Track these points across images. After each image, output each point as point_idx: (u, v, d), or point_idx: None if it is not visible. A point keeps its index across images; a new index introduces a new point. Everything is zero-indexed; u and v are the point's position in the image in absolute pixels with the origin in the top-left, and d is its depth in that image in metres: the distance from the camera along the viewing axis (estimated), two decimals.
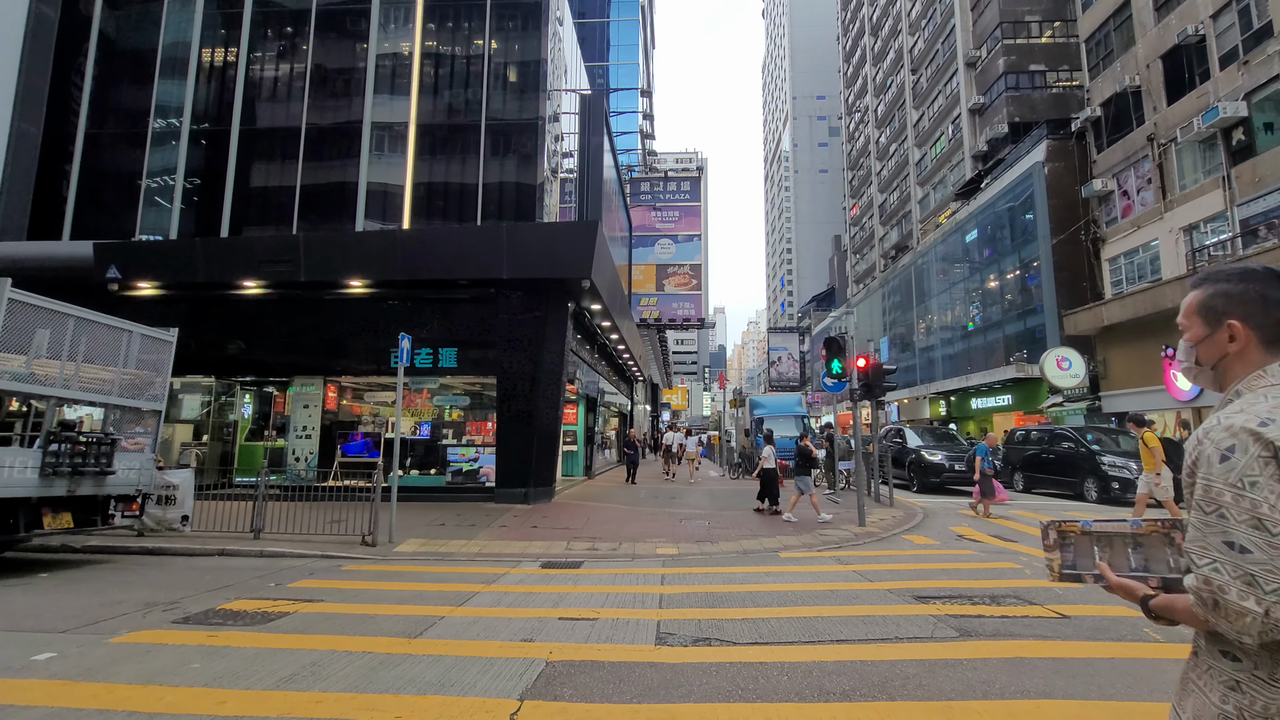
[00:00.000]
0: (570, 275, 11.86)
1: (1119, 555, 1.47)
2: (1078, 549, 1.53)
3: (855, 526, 10.58)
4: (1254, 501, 1.11)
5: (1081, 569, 1.50)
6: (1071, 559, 1.53)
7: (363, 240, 12.25)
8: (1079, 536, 1.52)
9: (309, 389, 13.11)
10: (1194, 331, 1.38)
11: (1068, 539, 1.53)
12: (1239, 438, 1.16)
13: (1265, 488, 1.11)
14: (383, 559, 8.21)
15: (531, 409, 12.26)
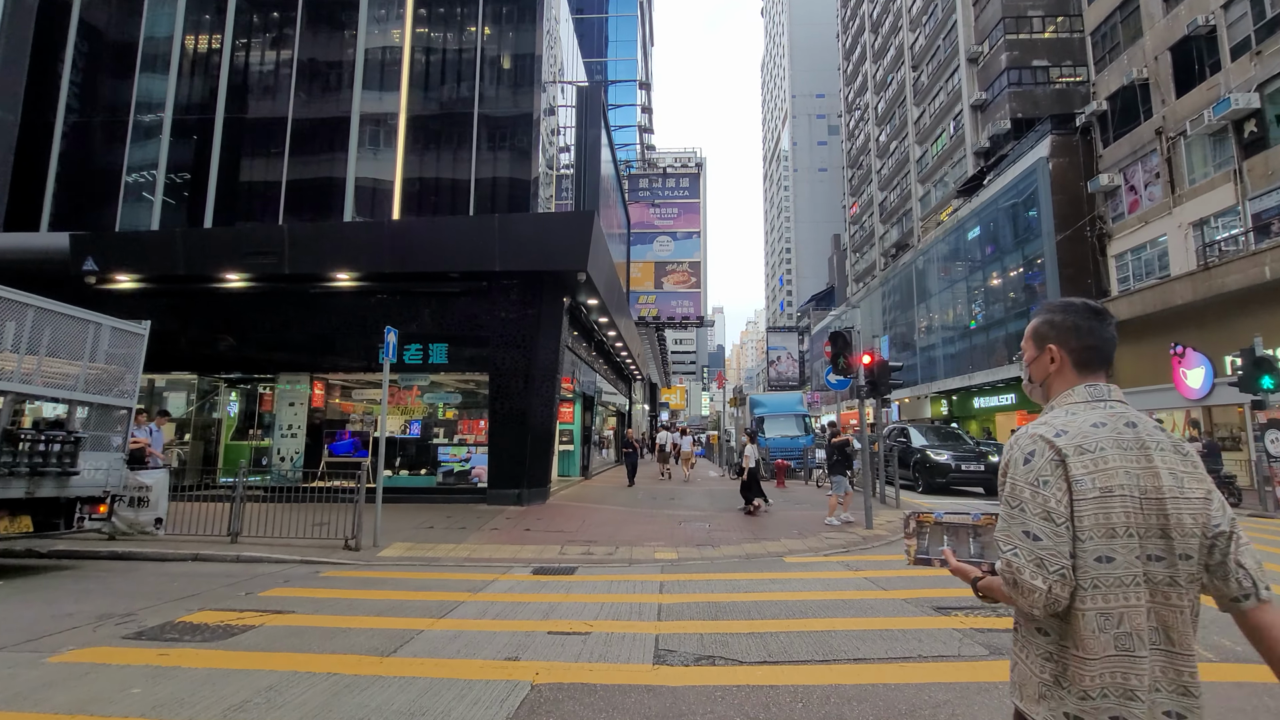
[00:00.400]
0: (565, 268, 11.41)
1: (961, 543, 1.63)
2: (931, 537, 1.68)
3: (862, 529, 10.15)
4: (1045, 497, 1.34)
5: (931, 555, 1.65)
6: (925, 546, 1.68)
7: (349, 231, 11.80)
8: (933, 526, 1.67)
9: (295, 386, 12.66)
10: (1028, 354, 1.60)
11: (924, 528, 1.68)
12: (1038, 444, 1.38)
13: (1054, 486, 1.34)
14: (365, 564, 7.76)
15: (525, 407, 11.82)
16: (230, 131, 15.95)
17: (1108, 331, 1.49)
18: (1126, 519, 1.32)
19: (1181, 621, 1.33)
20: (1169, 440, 1.39)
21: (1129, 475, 1.34)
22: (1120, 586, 1.31)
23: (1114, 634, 1.31)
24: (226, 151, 15.77)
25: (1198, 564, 1.33)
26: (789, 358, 78.96)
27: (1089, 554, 1.32)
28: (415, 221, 12.69)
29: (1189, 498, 1.34)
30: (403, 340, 12.06)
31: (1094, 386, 1.46)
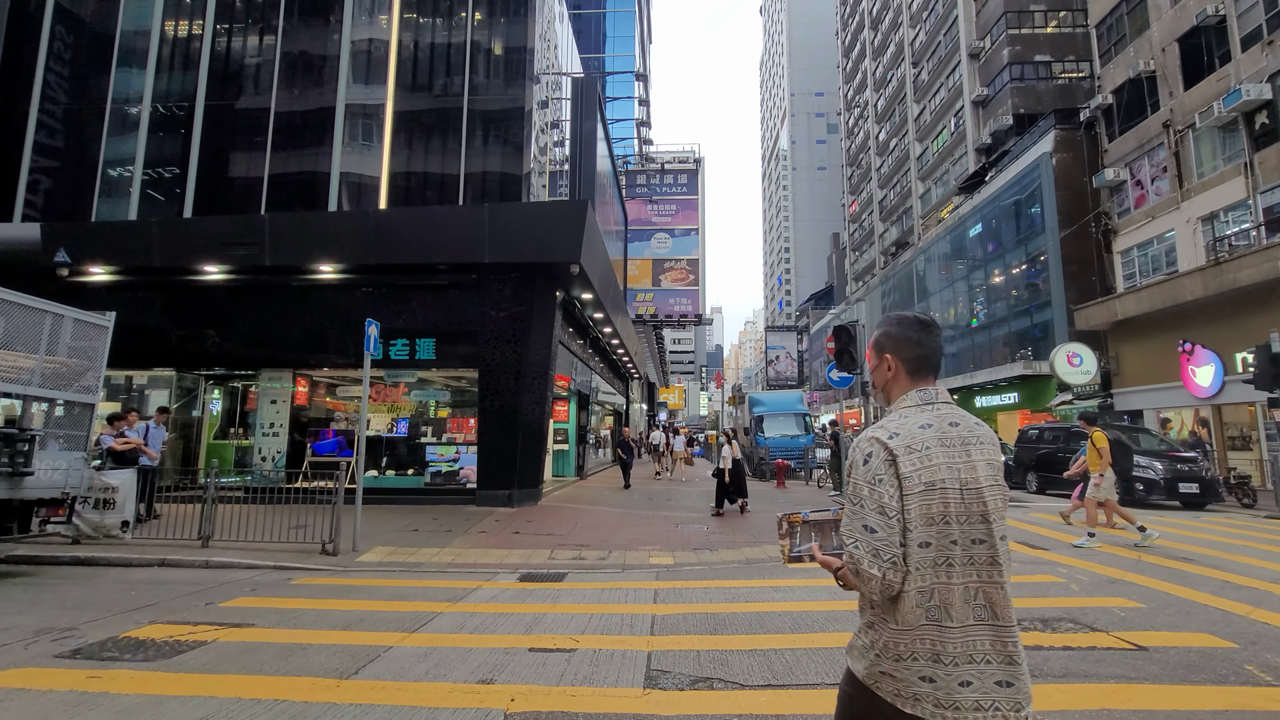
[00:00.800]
0: (558, 259, 10.96)
1: (827, 538, 1.77)
2: (801, 536, 1.80)
3: None
4: (880, 494, 1.50)
5: (802, 552, 1.78)
6: (797, 544, 1.79)
7: (333, 221, 11.33)
8: (801, 525, 1.79)
9: (277, 383, 12.19)
10: (870, 362, 1.77)
11: (795, 528, 1.79)
12: (874, 446, 1.54)
13: (888, 483, 1.50)
14: (342, 570, 7.30)
15: (516, 405, 11.36)
16: (211, 123, 15.44)
17: (935, 342, 1.67)
18: (946, 508, 1.47)
19: (1003, 596, 1.47)
20: (987, 435, 1.57)
21: (951, 470, 1.49)
22: (934, 567, 1.46)
23: (926, 607, 1.46)
24: (207, 144, 15.26)
25: (1008, 546, 1.52)
26: (788, 357, 78.55)
27: (913, 541, 1.47)
28: (402, 211, 12.23)
29: (1002, 487, 1.53)
30: (389, 335, 11.61)
31: (924, 391, 1.63)
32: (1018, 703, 1.42)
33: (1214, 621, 4.90)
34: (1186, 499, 13.20)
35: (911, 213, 46.38)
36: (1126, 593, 5.84)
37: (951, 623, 1.44)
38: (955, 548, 1.46)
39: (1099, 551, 8.05)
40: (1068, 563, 7.36)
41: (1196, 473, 13.29)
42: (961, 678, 1.42)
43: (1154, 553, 7.98)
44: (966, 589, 1.45)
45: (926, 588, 1.45)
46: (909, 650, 1.46)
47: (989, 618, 1.45)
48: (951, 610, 1.45)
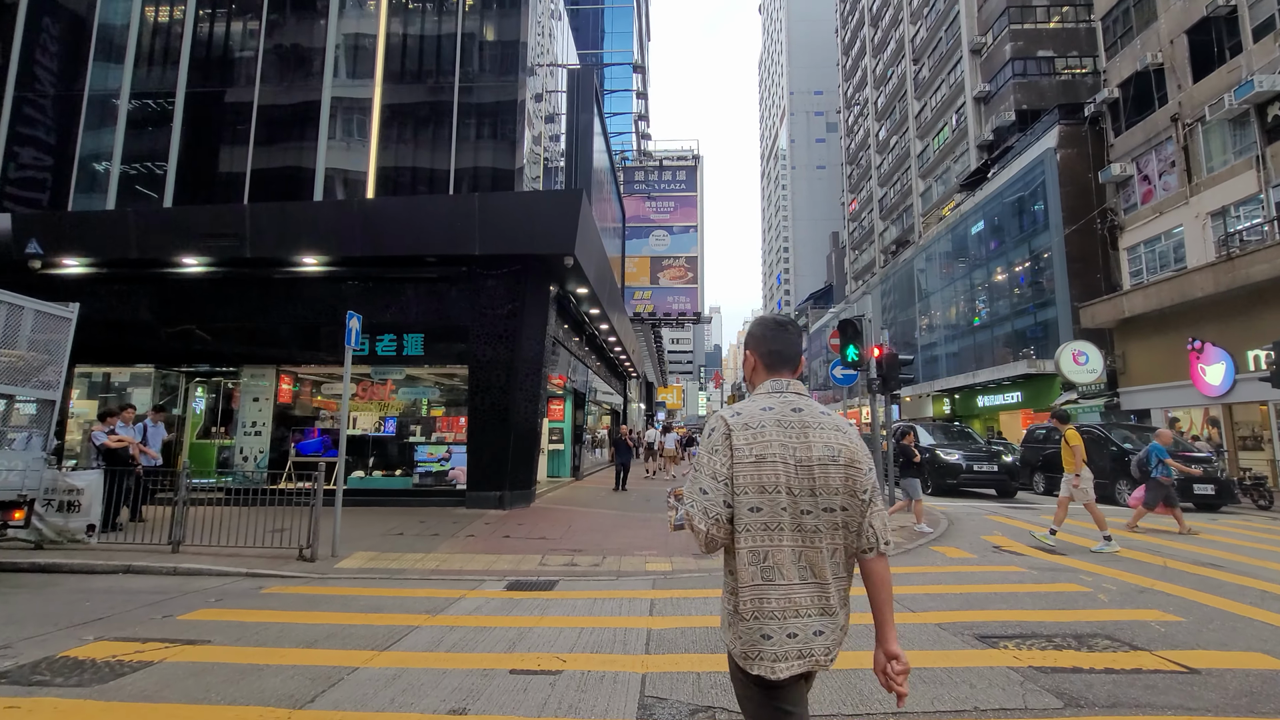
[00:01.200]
0: (551, 251, 10.50)
1: None
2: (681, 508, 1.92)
3: None
4: (714, 462, 1.73)
5: (681, 520, 1.87)
6: (679, 515, 1.91)
7: (317, 211, 10.87)
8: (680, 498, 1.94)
9: (259, 380, 11.72)
10: (742, 358, 2.01)
11: (679, 500, 1.91)
12: (718, 423, 1.78)
13: (721, 454, 1.72)
14: (318, 578, 6.84)
15: (508, 403, 10.91)
16: (192, 116, 14.91)
17: (788, 340, 1.90)
18: (776, 479, 1.69)
19: (821, 560, 1.69)
20: (831, 422, 1.78)
21: (784, 447, 1.71)
22: (765, 530, 1.68)
23: (760, 567, 1.68)
24: (188, 137, 14.74)
25: (840, 517, 1.70)
26: None
27: (743, 505, 1.69)
28: (388, 201, 11.75)
29: (840, 464, 1.71)
30: (376, 330, 11.17)
31: (776, 381, 1.86)
32: (827, 647, 1.69)
33: (1265, 639, 4.46)
34: (1202, 501, 12.79)
35: (912, 211, 45.99)
36: (1160, 604, 5.41)
37: (781, 580, 1.66)
38: (785, 514, 1.67)
39: (1121, 557, 7.62)
40: (1090, 569, 6.93)
41: (1212, 474, 12.87)
42: (789, 630, 1.65)
43: (1180, 559, 7.55)
44: (794, 551, 1.67)
45: (758, 548, 1.67)
46: (747, 609, 1.67)
47: (811, 578, 1.67)
48: (782, 569, 1.66)
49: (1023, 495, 15.34)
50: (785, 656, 1.64)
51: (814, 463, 1.69)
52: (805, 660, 1.65)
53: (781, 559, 1.66)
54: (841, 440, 1.73)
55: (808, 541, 1.67)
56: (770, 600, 1.65)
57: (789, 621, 1.64)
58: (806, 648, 1.65)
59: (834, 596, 1.69)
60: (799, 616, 1.65)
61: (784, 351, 1.88)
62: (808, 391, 1.87)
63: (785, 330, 1.91)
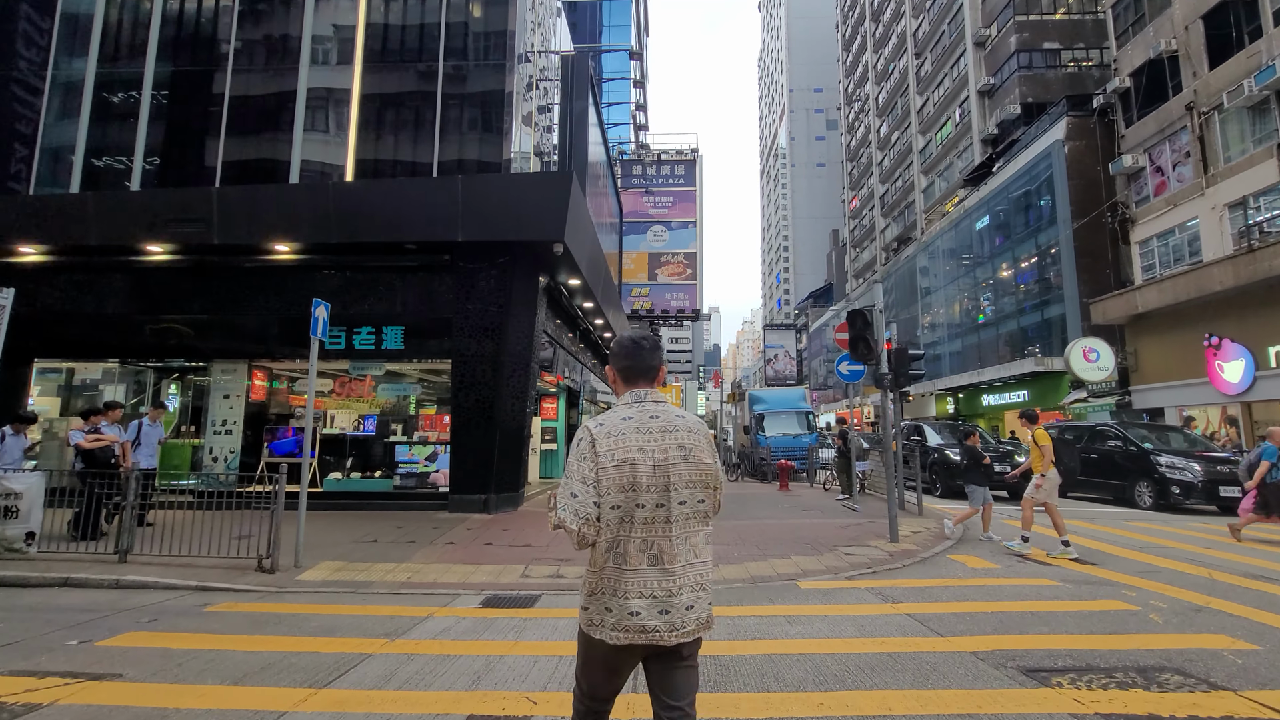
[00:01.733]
0: (539, 238, 9.83)
1: None
2: None
3: (886, 543, 8.59)
4: (582, 468, 1.94)
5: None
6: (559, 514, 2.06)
7: (289, 196, 10.17)
8: None
9: (230, 376, 11.03)
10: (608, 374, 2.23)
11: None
12: (585, 433, 2.00)
13: (588, 461, 1.94)
14: (275, 592, 6.17)
15: (493, 400, 10.23)
16: (160, 104, 14.16)
17: (641, 354, 2.11)
18: (636, 479, 1.92)
19: (672, 547, 1.94)
20: (685, 424, 2.03)
21: (643, 451, 1.94)
22: (621, 524, 1.93)
23: (613, 554, 1.93)
24: (155, 127, 13.97)
25: (692, 508, 1.98)
26: (786, 356, 77.51)
27: (606, 504, 1.93)
28: (365, 184, 11.06)
29: (691, 462, 1.98)
30: (353, 322, 10.49)
31: (635, 392, 2.09)
32: (671, 625, 1.91)
33: None
34: (1227, 503, 12.11)
35: (914, 207, 45.34)
36: (1224, 626, 4.74)
37: (628, 566, 1.92)
38: (639, 510, 1.93)
39: (1161, 568, 6.95)
40: (1131, 582, 6.26)
41: (1236, 475, 12.19)
42: (632, 609, 1.90)
43: (1223, 569, 6.88)
44: (644, 541, 1.93)
45: (612, 539, 1.94)
46: (598, 587, 1.96)
47: (658, 564, 1.93)
48: (629, 557, 1.92)
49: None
50: (625, 629, 1.88)
51: (670, 462, 1.95)
52: (646, 634, 1.89)
53: (631, 548, 1.92)
54: (692, 441, 2.01)
55: (659, 532, 1.93)
56: (619, 582, 1.91)
57: (633, 600, 1.89)
58: (650, 624, 1.88)
59: (680, 579, 1.92)
60: (642, 597, 1.89)
61: (638, 366, 2.10)
62: (664, 398, 2.10)
63: (640, 347, 2.12)
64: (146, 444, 8.86)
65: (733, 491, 15.59)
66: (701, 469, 2.01)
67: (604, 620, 1.92)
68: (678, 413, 2.06)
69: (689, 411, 2.19)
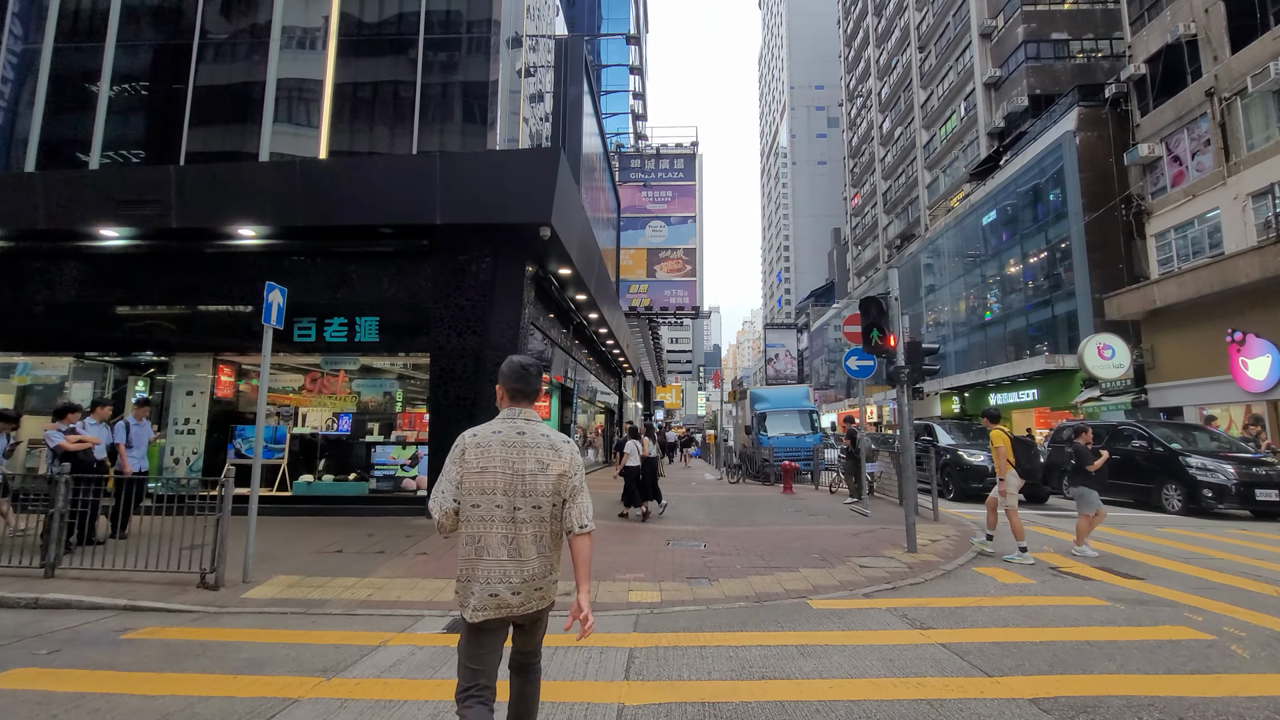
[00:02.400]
0: (524, 220, 9.05)
1: None
2: None
3: (903, 553, 7.81)
4: (451, 470, 2.40)
5: None
6: None
7: (252, 174, 9.38)
8: None
9: (194, 371, 10.25)
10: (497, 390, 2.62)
11: None
12: (460, 440, 2.43)
13: (457, 464, 2.39)
14: (211, 614, 5.40)
15: (475, 397, 9.45)
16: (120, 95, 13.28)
17: (527, 379, 2.52)
18: (495, 484, 2.34)
19: (526, 541, 2.34)
20: (547, 442, 2.43)
21: (504, 461, 2.36)
22: (481, 521, 2.34)
23: (475, 546, 2.33)
24: (115, 118, 13.10)
25: (546, 512, 2.38)
26: (787, 355, 76.75)
27: (468, 502, 2.35)
28: (335, 162, 10.26)
29: (546, 474, 2.39)
30: (325, 313, 9.72)
31: (512, 410, 2.50)
32: (523, 603, 2.34)
33: None
34: (1263, 508, 11.33)
35: (918, 203, 44.56)
36: None
37: (489, 556, 2.32)
38: (498, 510, 2.33)
39: (1221, 584, 6.17)
40: (1191, 602, 5.47)
41: (1274, 478, 11.42)
42: (492, 590, 2.30)
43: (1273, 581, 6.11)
44: (502, 535, 2.33)
45: (475, 533, 2.34)
46: (465, 574, 2.35)
47: (515, 555, 2.33)
48: (489, 549, 2.33)
49: (1054, 502, 13.89)
50: (484, 607, 2.30)
51: (526, 473, 2.37)
52: (502, 610, 2.31)
53: (490, 541, 2.33)
54: (552, 457, 2.42)
55: (516, 530, 2.34)
56: (479, 569, 2.32)
57: (493, 584, 2.31)
58: (504, 603, 2.31)
59: (532, 568, 2.35)
60: (500, 582, 2.31)
61: (523, 389, 2.52)
62: (535, 416, 2.52)
63: (528, 372, 2.53)
64: (138, 444, 8.07)
65: (733, 495, 14.80)
66: (558, 481, 2.40)
67: (469, 602, 2.32)
68: (543, 431, 2.45)
69: (555, 431, 2.53)
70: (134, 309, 10.02)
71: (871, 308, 8.26)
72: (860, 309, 8.35)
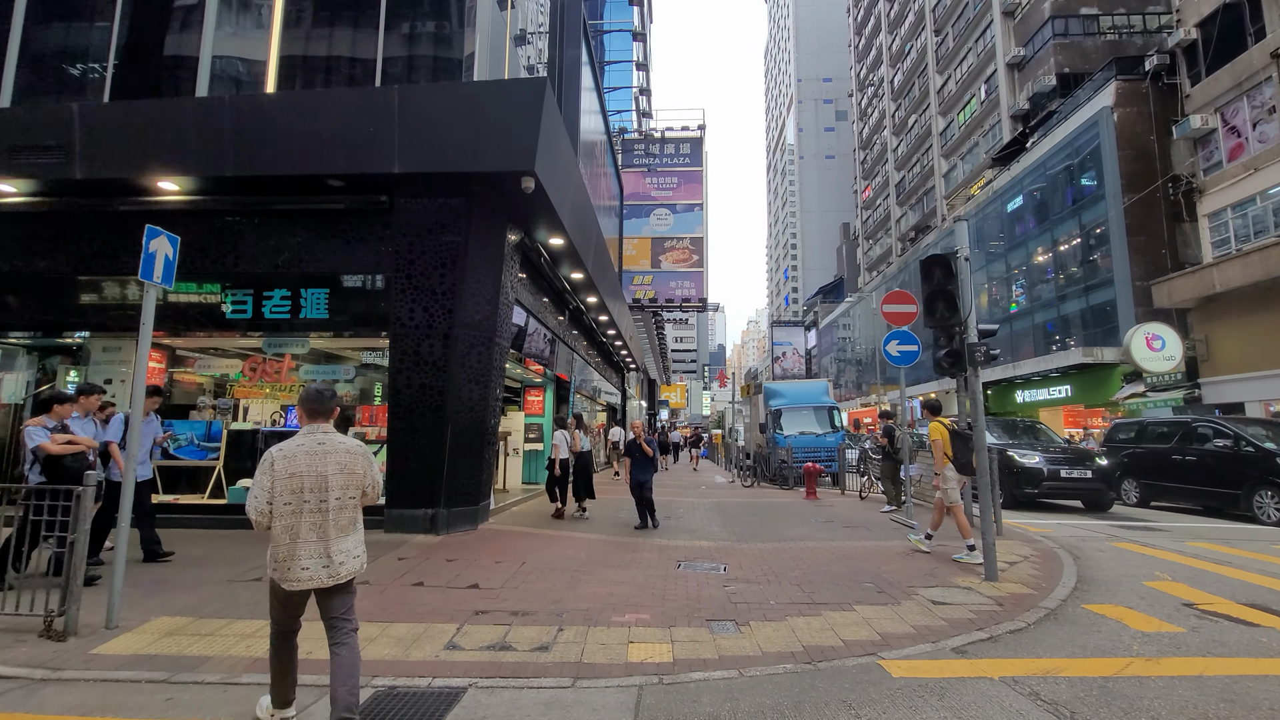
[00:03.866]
0: (502, 168, 7.40)
1: None
2: None
3: (981, 582, 6.12)
4: (263, 479, 2.96)
5: None
6: None
7: (171, 113, 7.68)
8: None
9: (114, 355, 8.62)
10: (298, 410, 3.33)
11: None
12: (269, 454, 3.01)
13: (267, 472, 2.96)
14: (35, 682, 3.75)
15: (444, 385, 7.80)
16: None
17: (322, 401, 3.14)
18: (302, 485, 2.96)
19: (329, 527, 2.99)
20: (344, 448, 3.10)
21: (310, 467, 2.98)
22: (293, 514, 2.94)
23: (289, 535, 2.93)
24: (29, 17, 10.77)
25: (349, 500, 3.08)
26: (795, 353, 74.99)
27: (280, 501, 2.93)
28: (272, 98, 8.52)
29: (345, 473, 3.06)
30: (263, 284, 8.08)
31: (312, 426, 3.11)
32: (331, 575, 2.95)
33: None
34: None
35: (934, 193, 42.77)
36: None
37: (301, 539, 2.93)
38: (306, 504, 2.95)
39: None
40: None
41: None
42: (302, 565, 2.91)
43: None
44: (311, 523, 2.95)
45: (287, 524, 2.92)
46: (279, 555, 2.93)
47: (322, 538, 2.96)
48: (300, 534, 2.93)
49: (1118, 510, 12.17)
50: (298, 579, 2.90)
51: (328, 474, 3.01)
52: (311, 581, 2.92)
53: (301, 529, 2.93)
54: (349, 460, 3.08)
55: (324, 519, 2.97)
56: (296, 550, 2.92)
57: (303, 560, 2.91)
58: (315, 575, 2.93)
59: (339, 546, 3.00)
60: (311, 559, 2.93)
61: (318, 409, 3.13)
62: (332, 430, 3.15)
63: (322, 395, 3.15)
64: (140, 445, 6.29)
65: (749, 501, 13.10)
66: (354, 477, 3.10)
67: (285, 576, 2.92)
68: (340, 439, 3.13)
69: (350, 439, 3.18)
70: (38, 279, 8.37)
71: (936, 270, 6.56)
72: (922, 272, 6.64)
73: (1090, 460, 11.80)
